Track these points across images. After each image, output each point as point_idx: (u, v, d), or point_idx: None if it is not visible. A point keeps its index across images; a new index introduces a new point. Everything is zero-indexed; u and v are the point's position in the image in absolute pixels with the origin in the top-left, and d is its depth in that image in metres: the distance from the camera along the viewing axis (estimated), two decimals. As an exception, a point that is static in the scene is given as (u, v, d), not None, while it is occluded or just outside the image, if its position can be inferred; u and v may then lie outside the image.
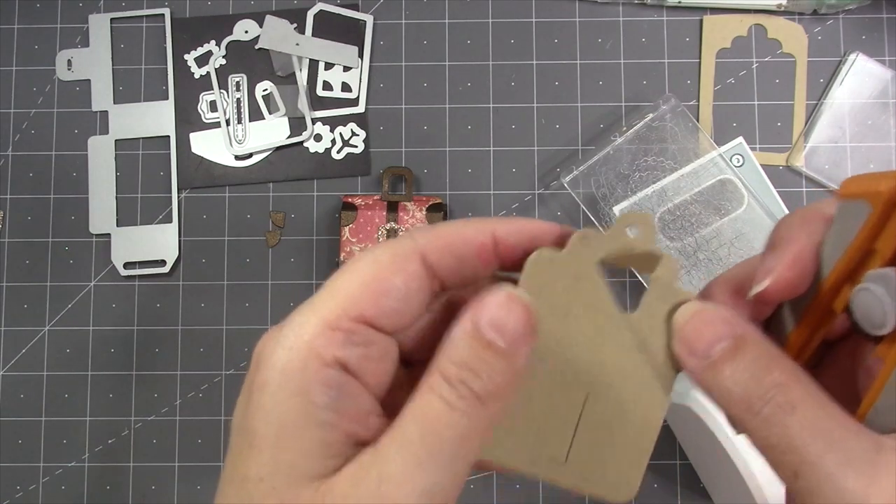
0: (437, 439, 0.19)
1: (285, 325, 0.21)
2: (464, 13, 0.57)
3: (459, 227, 0.22)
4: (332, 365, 0.20)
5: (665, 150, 0.54)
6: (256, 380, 0.21)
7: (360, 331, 0.20)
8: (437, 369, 0.20)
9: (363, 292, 0.21)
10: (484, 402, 0.20)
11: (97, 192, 0.57)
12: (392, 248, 0.21)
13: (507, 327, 0.20)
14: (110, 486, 0.55)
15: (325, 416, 0.20)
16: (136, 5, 0.58)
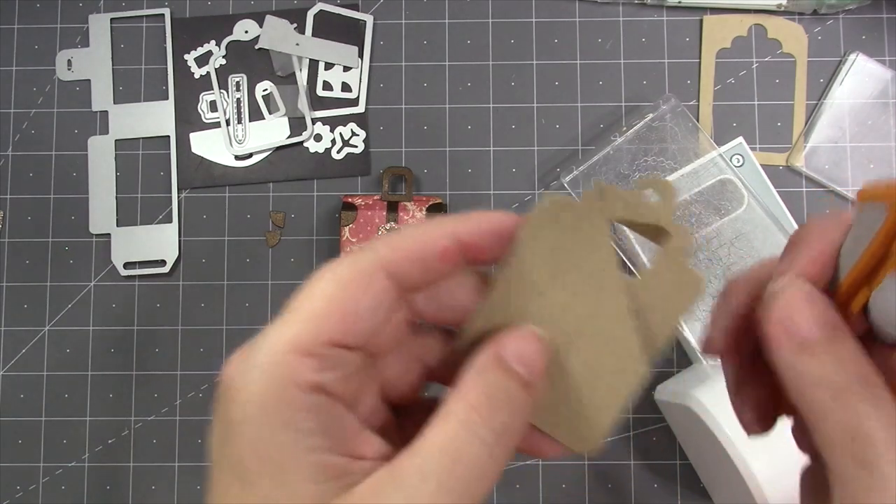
0: (466, 472, 0.19)
1: (253, 351, 0.21)
2: (464, 13, 0.57)
3: (420, 233, 0.22)
4: (311, 390, 0.20)
5: (665, 150, 0.54)
6: (232, 413, 0.20)
7: (332, 354, 0.20)
8: (463, 399, 0.20)
9: (331, 314, 0.20)
10: (511, 433, 0.21)
11: (97, 192, 0.57)
12: (355, 265, 0.21)
13: (532, 362, 0.21)
14: (110, 486, 0.55)
15: (315, 441, 0.20)
16: (136, 5, 0.58)
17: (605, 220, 0.22)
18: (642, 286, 0.22)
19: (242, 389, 0.20)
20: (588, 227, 0.22)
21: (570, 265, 0.22)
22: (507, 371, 0.21)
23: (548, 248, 0.22)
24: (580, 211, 0.22)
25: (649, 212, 0.22)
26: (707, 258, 0.52)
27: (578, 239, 0.22)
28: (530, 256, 0.22)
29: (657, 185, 0.22)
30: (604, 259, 0.22)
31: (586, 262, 0.22)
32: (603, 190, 0.22)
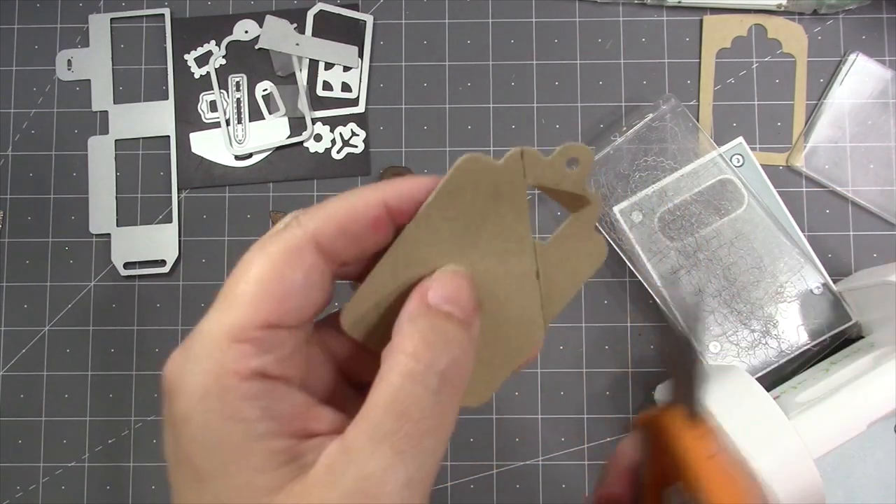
0: (416, 426, 0.19)
1: (189, 345, 0.20)
2: (464, 13, 0.57)
3: (348, 203, 0.21)
4: (250, 377, 0.19)
5: (665, 150, 0.54)
6: (176, 412, 0.20)
7: (267, 336, 0.20)
8: (398, 351, 0.20)
9: (263, 297, 0.20)
10: (453, 381, 0.20)
11: (97, 192, 0.57)
12: (283, 242, 0.20)
13: (460, 299, 0.21)
14: (110, 486, 0.55)
15: (262, 427, 0.19)
16: (136, 5, 0.58)
17: (523, 182, 0.22)
18: (550, 250, 0.23)
19: (183, 385, 0.19)
20: (505, 189, 0.22)
21: (482, 225, 0.22)
22: (438, 314, 0.20)
23: (462, 206, 0.22)
24: (499, 173, 0.22)
25: (566, 179, 0.23)
26: (707, 258, 0.52)
27: (494, 198, 0.22)
28: (444, 210, 0.22)
29: (576, 150, 0.22)
30: (517, 221, 0.22)
31: (499, 224, 0.22)
32: (524, 154, 0.22)
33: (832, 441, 0.41)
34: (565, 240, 0.23)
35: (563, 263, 0.23)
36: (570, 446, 0.54)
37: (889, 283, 0.46)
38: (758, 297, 0.52)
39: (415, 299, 0.21)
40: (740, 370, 0.45)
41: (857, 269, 0.54)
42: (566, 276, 0.23)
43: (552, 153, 0.22)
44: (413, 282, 0.22)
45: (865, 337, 0.51)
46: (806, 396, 0.44)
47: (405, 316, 0.21)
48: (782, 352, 0.51)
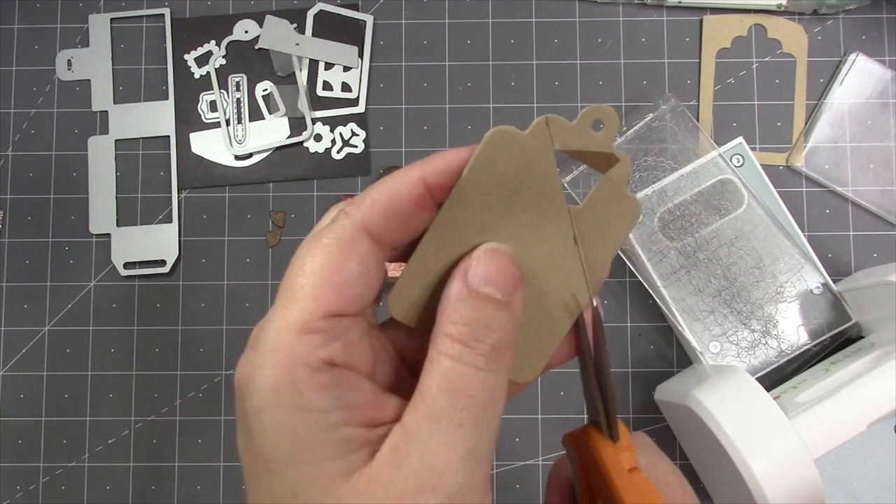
0: (473, 403, 0.20)
1: (256, 344, 0.21)
2: (464, 13, 0.57)
3: (389, 187, 0.22)
4: (320, 367, 0.20)
5: (665, 150, 0.54)
6: (247, 407, 0.20)
7: (332, 325, 0.20)
8: (444, 335, 0.20)
9: (324, 288, 0.20)
10: (502, 353, 0.21)
11: (97, 192, 0.57)
12: (337, 234, 0.21)
13: (499, 279, 0.21)
14: (110, 486, 0.55)
15: (333, 417, 0.20)
16: (136, 5, 0.58)
17: (551, 149, 0.22)
18: (584, 213, 0.23)
19: (254, 382, 0.20)
20: (534, 157, 0.22)
21: (516, 196, 0.22)
22: (479, 296, 0.21)
23: (494, 179, 0.22)
24: (526, 142, 0.22)
25: (593, 141, 0.23)
26: (707, 258, 0.52)
27: (525, 168, 0.22)
28: (478, 186, 0.22)
29: (600, 112, 0.23)
30: (549, 188, 0.22)
31: (532, 192, 0.22)
32: (550, 121, 0.22)
33: (832, 441, 0.41)
34: (599, 202, 0.23)
35: (600, 225, 0.23)
36: (570, 446, 0.54)
37: (889, 283, 0.46)
38: (758, 297, 0.52)
39: (456, 281, 0.21)
40: (740, 370, 0.45)
41: (857, 269, 0.54)
42: (604, 237, 0.23)
43: (576, 117, 0.22)
44: (454, 261, 0.22)
45: (865, 337, 0.51)
46: (806, 396, 0.44)
47: (447, 299, 0.21)
48: (782, 352, 0.51)
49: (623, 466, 0.23)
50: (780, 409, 0.41)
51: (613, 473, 0.22)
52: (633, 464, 0.23)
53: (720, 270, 0.52)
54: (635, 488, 0.22)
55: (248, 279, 0.56)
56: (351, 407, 0.20)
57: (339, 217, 0.21)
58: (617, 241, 0.23)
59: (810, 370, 0.50)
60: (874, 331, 0.50)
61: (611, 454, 0.23)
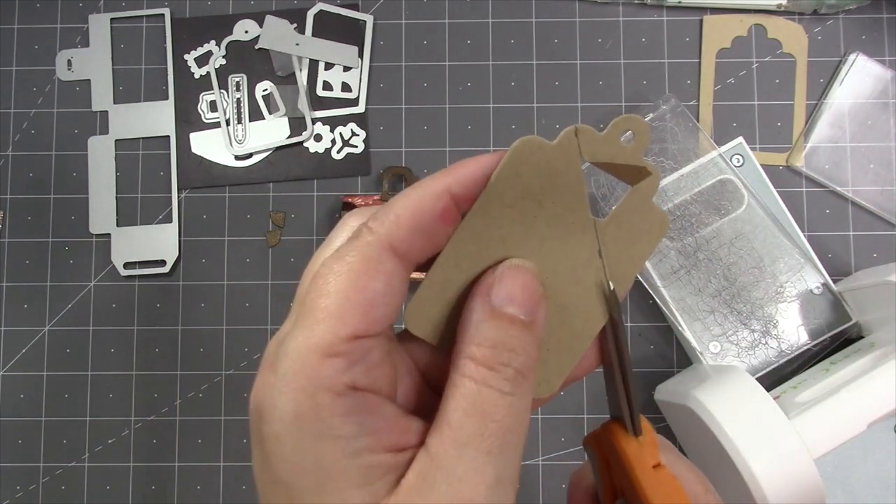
0: (499, 428, 0.19)
1: (276, 365, 0.20)
2: (464, 13, 0.57)
3: (413, 201, 0.21)
4: (343, 392, 0.19)
5: (665, 150, 0.54)
6: (267, 432, 0.19)
7: (356, 347, 0.19)
8: (467, 357, 0.20)
9: (348, 308, 0.19)
10: (526, 376, 0.20)
11: (97, 192, 0.57)
12: (361, 252, 0.20)
13: (523, 298, 0.20)
14: (110, 486, 0.55)
15: (358, 443, 0.19)
16: (136, 5, 0.58)
17: (579, 160, 0.22)
18: (610, 226, 0.22)
19: (274, 404, 0.19)
20: (561, 168, 0.21)
21: (540, 208, 0.22)
22: (503, 317, 0.20)
23: (519, 191, 0.21)
24: (554, 152, 0.21)
25: (622, 152, 0.22)
26: (707, 258, 0.52)
27: (551, 180, 0.21)
28: (501, 198, 0.21)
29: (631, 122, 0.22)
30: (575, 201, 0.22)
31: (557, 203, 0.22)
32: (579, 131, 0.21)
33: (832, 441, 0.41)
34: (625, 214, 0.22)
35: (625, 238, 0.22)
36: (570, 446, 0.54)
37: (889, 283, 0.46)
38: (758, 297, 0.52)
39: (478, 300, 0.21)
40: (740, 370, 0.45)
41: (857, 269, 0.54)
42: (629, 251, 0.22)
43: (606, 128, 0.22)
44: (475, 275, 0.22)
45: (865, 337, 0.51)
46: (806, 396, 0.44)
47: (469, 319, 0.20)
48: (782, 352, 0.51)
49: (647, 463, 0.22)
50: (780, 409, 0.41)
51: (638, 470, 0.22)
52: (658, 460, 0.22)
53: (720, 270, 0.52)
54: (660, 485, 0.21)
55: (248, 279, 0.56)
56: (375, 432, 0.19)
57: (362, 233, 0.20)
58: (643, 255, 0.23)
59: (810, 370, 0.50)
60: (874, 331, 0.50)
61: (634, 450, 0.22)
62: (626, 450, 0.22)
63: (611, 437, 0.23)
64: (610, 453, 0.23)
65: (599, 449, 0.24)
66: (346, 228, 0.22)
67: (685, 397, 0.44)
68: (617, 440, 0.23)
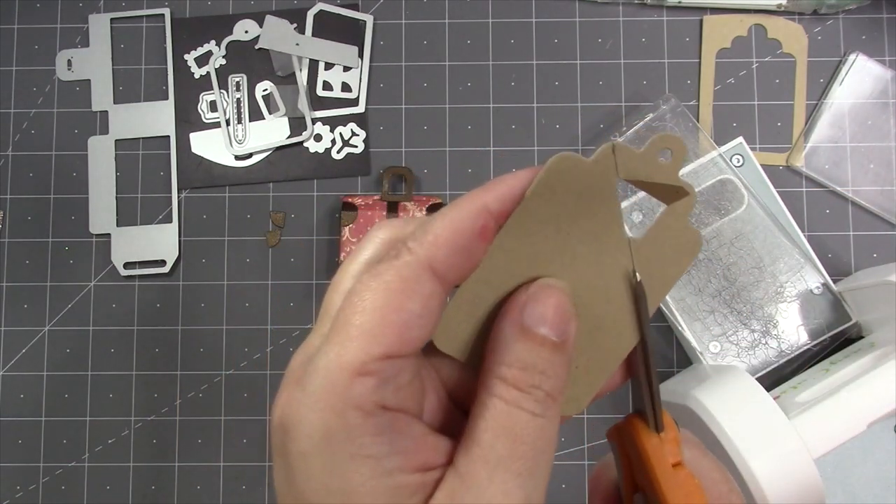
0: (530, 450, 0.19)
1: (305, 381, 0.19)
2: (464, 13, 0.57)
3: (452, 219, 0.20)
4: (373, 411, 0.19)
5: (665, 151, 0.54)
6: (294, 448, 0.19)
7: (387, 367, 0.19)
8: (497, 377, 0.20)
9: (384, 328, 0.19)
10: (556, 399, 0.20)
11: (97, 192, 0.57)
12: (399, 271, 0.19)
13: (555, 319, 0.20)
14: (110, 486, 0.55)
15: (388, 463, 0.19)
16: (136, 5, 0.58)
17: (615, 178, 0.21)
18: (644, 245, 0.22)
19: (302, 421, 0.19)
20: (597, 185, 0.21)
21: (574, 226, 0.21)
22: (534, 337, 0.20)
23: (554, 208, 0.21)
24: (590, 169, 0.21)
25: (659, 171, 0.22)
26: (707, 258, 0.52)
27: (586, 197, 0.21)
28: (535, 215, 0.21)
29: (668, 141, 0.22)
30: (610, 219, 0.22)
31: (591, 221, 0.21)
32: (617, 149, 0.21)
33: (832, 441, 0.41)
34: (660, 233, 0.22)
35: (659, 258, 0.22)
36: (570, 446, 0.54)
37: (889, 283, 0.46)
38: (758, 297, 0.52)
39: (509, 318, 0.20)
40: (740, 370, 0.45)
41: (857, 269, 0.54)
42: (662, 270, 0.22)
43: (644, 146, 0.21)
44: (506, 293, 0.21)
45: (865, 337, 0.51)
46: (806, 396, 0.44)
47: (500, 338, 0.20)
48: (782, 352, 0.51)
49: (667, 461, 0.21)
50: (780, 409, 0.41)
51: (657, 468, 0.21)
52: (679, 458, 0.22)
53: (720, 270, 0.52)
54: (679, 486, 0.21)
55: (248, 279, 0.56)
56: (405, 452, 0.19)
57: (400, 252, 0.20)
58: (676, 274, 0.22)
59: (810, 370, 0.50)
60: (874, 331, 0.50)
61: (655, 447, 0.22)
62: (647, 446, 0.22)
63: (632, 431, 0.23)
64: (630, 448, 0.23)
65: (621, 442, 0.24)
66: (373, 241, 0.22)
67: (685, 397, 0.44)
68: (638, 435, 0.22)
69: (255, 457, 0.55)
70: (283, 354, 0.55)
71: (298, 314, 0.56)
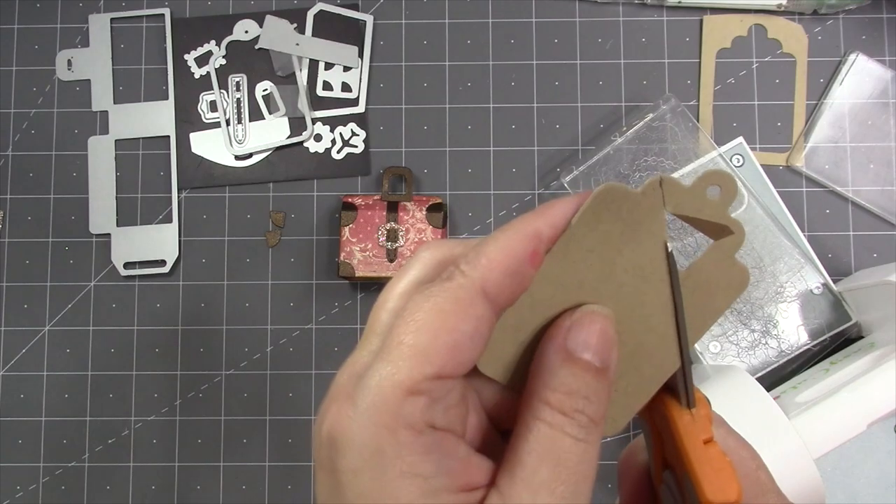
0: (573, 474, 0.19)
1: (356, 397, 0.19)
2: (464, 13, 0.57)
3: (504, 244, 0.21)
4: (424, 431, 0.19)
5: (665, 150, 0.54)
6: (343, 466, 0.19)
7: (437, 387, 0.19)
8: (542, 401, 0.20)
9: (437, 348, 0.19)
10: (598, 423, 0.20)
11: (97, 192, 0.57)
12: (453, 293, 0.20)
13: (599, 346, 0.21)
14: (110, 486, 0.55)
15: (436, 483, 0.19)
16: (136, 5, 0.58)
17: (662, 210, 0.22)
18: (688, 278, 0.22)
19: (353, 438, 0.19)
20: (643, 216, 0.21)
21: (619, 255, 0.22)
22: (578, 362, 0.20)
23: (600, 237, 0.21)
24: (637, 200, 0.21)
25: (707, 207, 0.22)
26: (707, 258, 0.52)
27: (632, 227, 0.22)
28: (581, 242, 0.21)
29: (720, 179, 0.22)
30: (655, 250, 0.22)
31: (637, 252, 0.22)
32: (665, 183, 0.21)
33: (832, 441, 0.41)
34: (705, 268, 0.22)
35: (702, 292, 0.22)
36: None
37: (889, 283, 0.46)
38: (758, 297, 0.52)
39: (554, 343, 0.21)
40: (740, 370, 0.45)
41: (857, 269, 0.54)
42: (705, 304, 0.22)
43: (693, 181, 0.22)
44: (550, 318, 0.22)
45: (865, 337, 0.51)
46: (806, 396, 0.44)
47: (545, 362, 0.21)
48: (782, 352, 0.51)
49: (698, 437, 0.22)
50: (780, 409, 0.41)
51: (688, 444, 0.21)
52: (710, 434, 0.22)
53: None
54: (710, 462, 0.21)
55: (248, 279, 0.56)
56: (450, 472, 0.19)
57: (454, 275, 0.20)
58: (720, 309, 0.23)
59: (810, 370, 0.50)
60: (874, 331, 0.50)
61: (687, 423, 0.22)
62: (678, 422, 0.22)
63: (663, 408, 0.23)
64: (661, 424, 0.23)
65: (652, 419, 0.24)
66: (420, 261, 0.22)
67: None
68: (669, 411, 0.22)
69: (256, 457, 0.55)
70: (283, 354, 0.55)
71: (298, 314, 0.56)
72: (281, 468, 0.55)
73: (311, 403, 0.55)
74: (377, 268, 0.53)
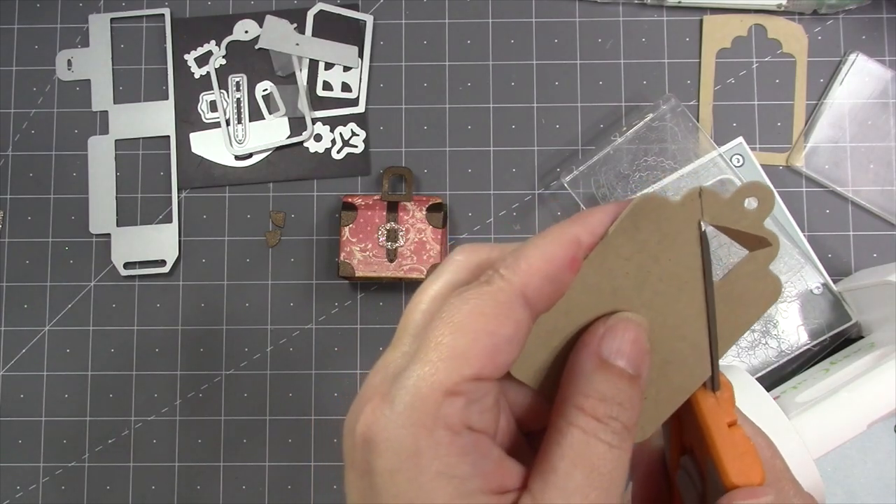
0: (606, 480, 0.20)
1: (393, 397, 0.19)
2: (464, 13, 0.57)
3: (544, 249, 0.21)
4: (461, 432, 0.19)
5: (665, 150, 0.54)
6: (379, 466, 0.19)
7: (475, 389, 0.20)
8: (575, 407, 0.20)
9: (476, 351, 0.19)
10: (631, 430, 0.21)
11: (97, 192, 0.57)
12: (493, 297, 0.20)
13: (632, 353, 0.21)
14: (110, 486, 0.55)
15: (472, 484, 0.19)
16: (136, 5, 0.58)
17: (697, 221, 0.22)
18: (722, 288, 0.22)
19: (390, 438, 0.19)
20: (681, 227, 0.22)
21: (655, 264, 0.22)
22: (612, 369, 0.20)
23: (636, 245, 0.22)
24: (675, 211, 0.22)
25: (744, 218, 0.22)
26: (707, 258, 0.52)
27: (669, 237, 0.22)
28: (618, 250, 0.22)
29: (758, 191, 0.22)
30: (690, 260, 0.22)
31: (672, 262, 0.22)
32: (704, 194, 0.22)
33: (832, 441, 0.41)
34: (738, 278, 0.22)
35: (735, 302, 0.22)
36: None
37: (889, 283, 0.46)
38: (758, 297, 0.52)
39: (588, 349, 0.21)
40: (740, 370, 0.45)
41: (857, 269, 0.54)
42: (737, 314, 0.23)
43: (731, 192, 0.22)
44: (583, 324, 0.22)
45: (865, 337, 0.51)
46: (806, 396, 0.44)
47: (579, 368, 0.21)
48: (782, 352, 0.51)
49: (723, 419, 0.22)
50: (780, 409, 0.41)
51: (713, 426, 0.21)
52: (734, 417, 0.22)
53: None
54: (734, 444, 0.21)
55: (248, 279, 0.56)
56: (485, 474, 0.19)
57: (493, 279, 0.21)
58: (752, 320, 0.23)
59: (810, 370, 0.50)
60: (874, 331, 0.50)
61: (711, 406, 0.22)
62: (703, 405, 0.22)
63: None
64: (683, 407, 0.23)
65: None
66: (453, 264, 0.22)
67: (685, 397, 0.44)
68: (693, 394, 0.22)
69: (256, 457, 0.55)
70: (283, 354, 0.55)
71: (298, 314, 0.56)
72: (281, 468, 0.55)
73: (311, 403, 0.55)
74: (377, 268, 0.53)
